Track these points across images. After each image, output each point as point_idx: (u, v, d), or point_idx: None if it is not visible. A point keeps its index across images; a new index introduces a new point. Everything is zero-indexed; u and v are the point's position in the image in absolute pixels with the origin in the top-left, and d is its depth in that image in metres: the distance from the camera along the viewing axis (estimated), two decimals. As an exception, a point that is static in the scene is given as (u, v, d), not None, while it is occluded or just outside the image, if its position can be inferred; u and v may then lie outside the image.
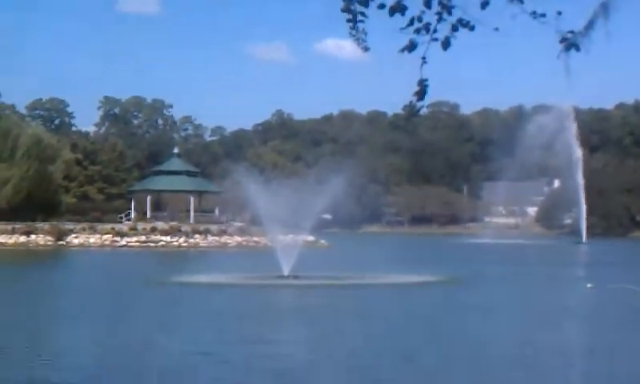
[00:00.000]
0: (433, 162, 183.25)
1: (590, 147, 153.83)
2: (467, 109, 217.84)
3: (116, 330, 25.71)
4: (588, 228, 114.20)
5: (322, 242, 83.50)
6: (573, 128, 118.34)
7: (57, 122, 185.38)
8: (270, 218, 51.48)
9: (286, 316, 30.51)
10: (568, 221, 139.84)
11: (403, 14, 6.48)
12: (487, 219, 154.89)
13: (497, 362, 20.13)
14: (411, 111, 6.73)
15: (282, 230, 51.63)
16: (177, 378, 17.81)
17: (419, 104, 6.68)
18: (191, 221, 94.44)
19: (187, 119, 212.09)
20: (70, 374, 18.02)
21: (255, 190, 52.52)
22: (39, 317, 28.97)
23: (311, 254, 53.21)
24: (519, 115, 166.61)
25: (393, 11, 6.49)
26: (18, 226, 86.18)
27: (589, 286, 41.91)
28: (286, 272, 45.20)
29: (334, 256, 60.84)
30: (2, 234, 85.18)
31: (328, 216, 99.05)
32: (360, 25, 6.67)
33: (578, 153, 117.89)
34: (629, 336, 25.13)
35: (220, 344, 22.55)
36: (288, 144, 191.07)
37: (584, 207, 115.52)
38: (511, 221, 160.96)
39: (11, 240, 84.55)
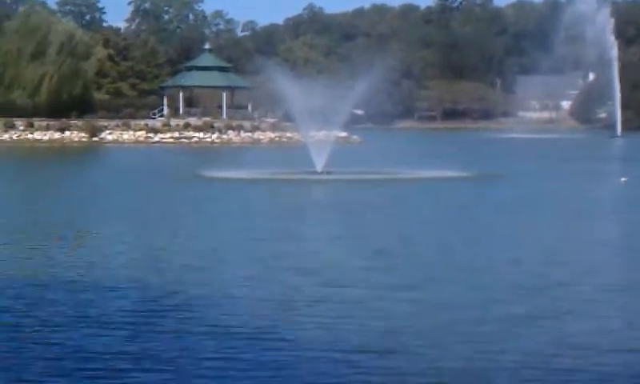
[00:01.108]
0: (466, 56, 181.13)
1: (625, 39, 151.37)
2: (501, 1, 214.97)
3: (149, 226, 26.08)
4: (623, 122, 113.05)
5: (354, 137, 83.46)
6: (609, 20, 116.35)
7: (87, 17, 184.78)
8: (302, 113, 51.53)
9: (317, 212, 30.62)
10: (603, 115, 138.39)
11: None
12: (521, 114, 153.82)
13: (534, 257, 19.83)
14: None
15: (314, 126, 51.70)
16: (200, 274, 17.62)
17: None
18: (224, 117, 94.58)
19: (218, 14, 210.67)
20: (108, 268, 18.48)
21: (287, 85, 52.48)
22: (82, 216, 29.37)
23: (343, 150, 53.34)
24: (554, 7, 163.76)
25: None
26: (52, 122, 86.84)
27: (622, 180, 41.85)
28: (318, 168, 45.39)
29: (366, 152, 60.81)
30: (38, 130, 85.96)
31: (360, 111, 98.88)
32: None
33: (614, 45, 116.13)
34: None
35: (249, 240, 22.45)
36: (320, 38, 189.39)
37: (619, 101, 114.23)
38: (545, 115, 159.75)
39: (46, 137, 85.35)
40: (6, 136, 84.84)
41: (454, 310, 14.52)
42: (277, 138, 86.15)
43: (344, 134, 70.94)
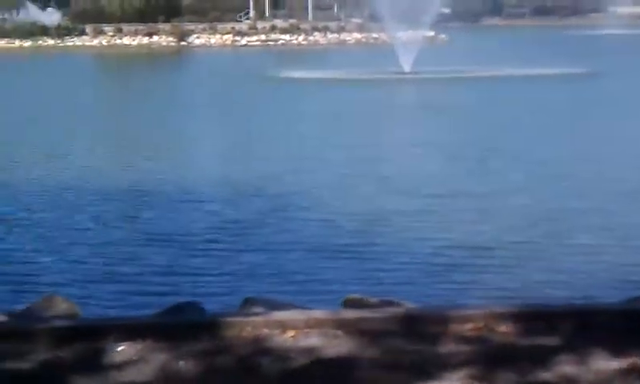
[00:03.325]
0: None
1: None
2: None
3: (234, 125, 26.53)
4: None
5: (442, 36, 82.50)
6: None
7: None
8: (388, 13, 51.21)
9: (407, 113, 30.53)
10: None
11: None
12: (612, 9, 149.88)
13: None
14: None
15: (400, 26, 51.35)
16: (277, 185, 16.83)
17: None
18: (310, 18, 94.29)
19: None
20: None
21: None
22: (174, 116, 29.98)
23: (431, 50, 52.84)
24: None
25: None
26: (140, 27, 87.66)
27: None
28: (406, 68, 45.28)
29: (454, 51, 60.13)
30: (126, 35, 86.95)
31: (447, 10, 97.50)
32: None
33: None
34: None
35: (330, 148, 21.73)
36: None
37: None
38: (638, 10, 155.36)
39: (135, 42, 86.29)
40: (95, 42, 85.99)
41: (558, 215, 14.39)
42: (363, 39, 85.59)
43: (431, 33, 70.21)
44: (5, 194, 16.34)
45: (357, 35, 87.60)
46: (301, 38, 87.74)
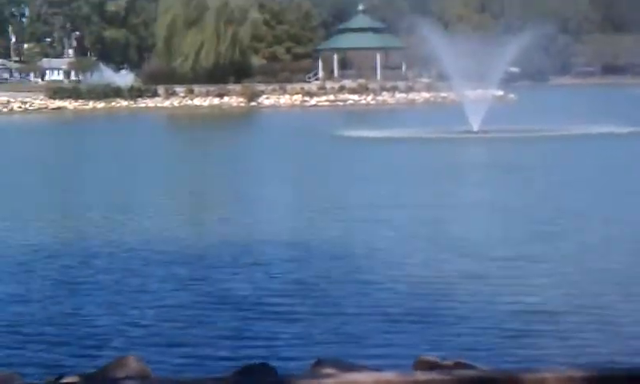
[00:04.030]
0: (626, 8, 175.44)
1: None
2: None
3: (300, 185, 26.70)
4: None
5: (510, 95, 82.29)
6: None
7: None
8: (456, 72, 51.29)
9: (474, 172, 30.33)
10: None
11: None
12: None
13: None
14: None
15: (469, 85, 51.35)
16: (346, 246, 16.97)
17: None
18: (378, 78, 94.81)
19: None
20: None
21: (441, 44, 52.24)
22: (240, 176, 30.28)
23: (500, 108, 52.57)
24: None
25: None
26: (211, 88, 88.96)
27: None
28: (475, 127, 45.18)
29: (523, 109, 59.74)
30: (198, 96, 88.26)
31: (515, 69, 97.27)
32: None
33: None
34: None
35: (398, 208, 21.66)
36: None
37: None
38: None
39: (206, 102, 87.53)
40: (167, 103, 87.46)
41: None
42: (432, 98, 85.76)
43: (500, 92, 70.10)
44: (75, 254, 16.51)
45: (425, 94, 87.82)
46: (369, 97, 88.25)
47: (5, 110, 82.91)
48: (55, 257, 16.25)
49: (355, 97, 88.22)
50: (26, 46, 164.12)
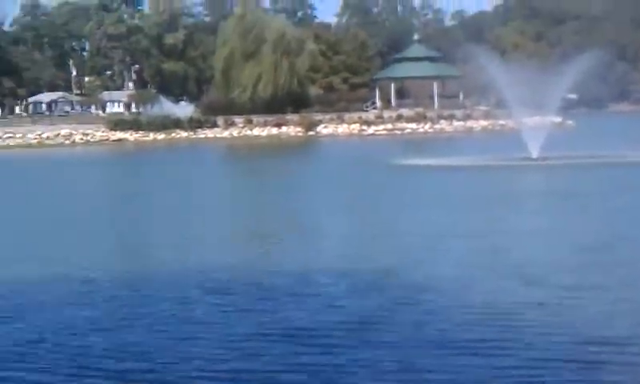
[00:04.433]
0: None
1: None
2: None
3: (357, 214, 26.89)
4: None
5: (569, 122, 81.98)
6: None
7: (299, 14, 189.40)
8: (514, 100, 51.27)
9: (535, 200, 30.13)
10: None
11: None
12: None
13: None
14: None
15: (527, 112, 51.28)
16: (403, 276, 17.18)
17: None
18: (435, 107, 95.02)
19: (426, 4, 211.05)
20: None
21: (498, 72, 52.29)
22: (298, 204, 30.60)
23: (558, 135, 52.38)
24: None
25: None
26: (269, 118, 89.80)
27: None
28: (534, 154, 45.10)
29: (582, 136, 59.40)
30: (256, 126, 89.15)
31: (573, 96, 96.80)
32: None
33: None
34: None
35: (457, 237, 21.45)
36: (529, 24, 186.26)
37: None
38: None
39: (264, 132, 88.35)
40: (226, 133, 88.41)
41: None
42: (489, 126, 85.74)
43: (558, 119, 69.88)
44: (134, 285, 16.69)
45: (483, 122, 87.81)
46: (427, 126, 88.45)
47: (67, 142, 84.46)
48: (111, 287, 16.37)
49: (413, 125, 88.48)
50: (86, 79, 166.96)
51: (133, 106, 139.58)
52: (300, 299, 14.83)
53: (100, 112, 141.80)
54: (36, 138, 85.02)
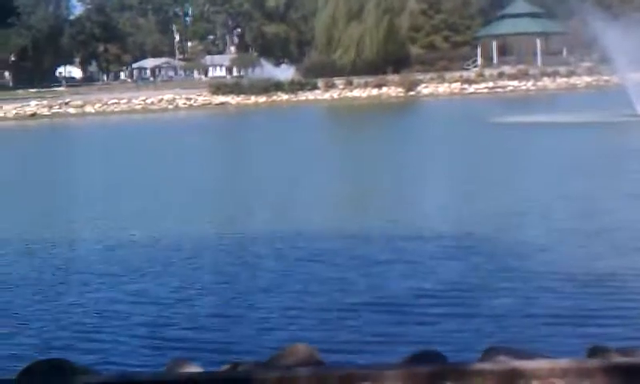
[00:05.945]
0: None
1: None
2: None
3: (456, 175, 26.61)
4: None
5: (677, 77, 79.49)
6: None
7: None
8: (620, 55, 49.98)
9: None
10: None
11: None
12: None
13: None
14: None
15: (633, 68, 49.98)
16: (501, 236, 17.10)
17: None
18: (538, 64, 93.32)
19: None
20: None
21: (603, 27, 51.01)
22: (398, 166, 30.45)
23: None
24: None
25: None
26: (370, 79, 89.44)
27: None
28: (639, 110, 44.04)
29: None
30: (356, 88, 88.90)
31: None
32: None
33: None
34: None
35: (558, 198, 20.90)
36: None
37: None
38: None
39: (364, 94, 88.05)
40: (326, 95, 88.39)
41: None
42: (594, 83, 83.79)
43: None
44: (239, 246, 16.96)
45: (587, 79, 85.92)
46: (529, 83, 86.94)
47: (171, 106, 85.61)
48: (219, 250, 16.74)
49: (515, 83, 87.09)
50: (189, 44, 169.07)
51: (234, 69, 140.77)
52: (416, 257, 15.01)
53: (202, 76, 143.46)
54: (140, 104, 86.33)
